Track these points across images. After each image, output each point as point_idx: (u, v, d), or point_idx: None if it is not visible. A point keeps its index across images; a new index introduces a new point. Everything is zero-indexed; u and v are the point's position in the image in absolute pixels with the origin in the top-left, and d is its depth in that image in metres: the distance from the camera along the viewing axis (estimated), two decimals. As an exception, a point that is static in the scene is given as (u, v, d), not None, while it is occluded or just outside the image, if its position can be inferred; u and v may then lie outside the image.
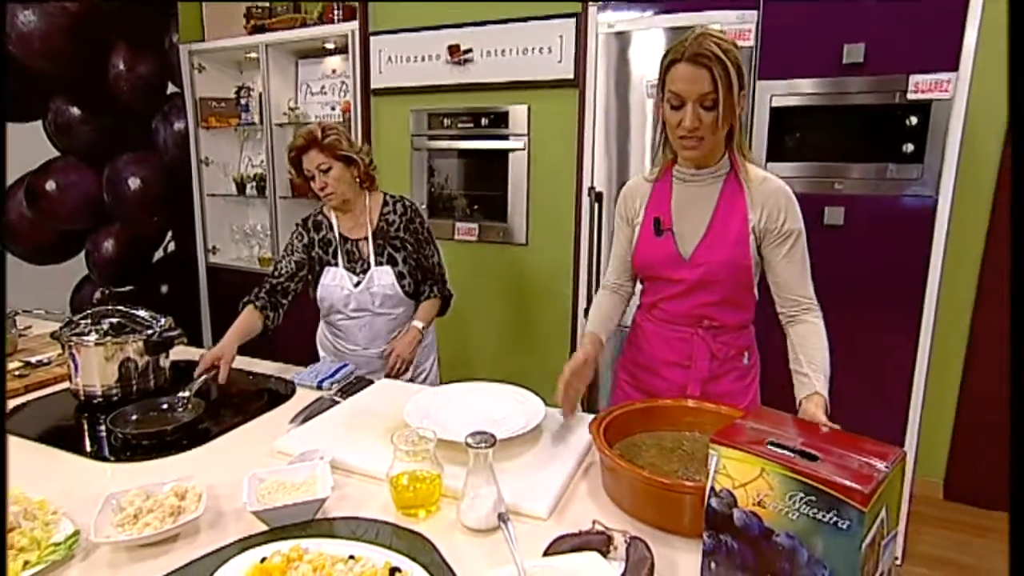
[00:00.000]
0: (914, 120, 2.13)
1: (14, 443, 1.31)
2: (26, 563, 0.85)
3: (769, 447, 0.75)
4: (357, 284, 1.85)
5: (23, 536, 0.88)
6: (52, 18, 2.89)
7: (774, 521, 0.73)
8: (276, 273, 1.88)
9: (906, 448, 2.28)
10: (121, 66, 3.24)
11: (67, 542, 0.89)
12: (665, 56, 1.27)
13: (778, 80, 2.27)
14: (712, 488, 0.79)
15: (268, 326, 1.79)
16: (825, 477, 0.69)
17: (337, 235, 1.89)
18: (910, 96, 2.11)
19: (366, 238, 1.87)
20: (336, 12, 3.08)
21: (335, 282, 1.86)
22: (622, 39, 2.49)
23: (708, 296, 1.36)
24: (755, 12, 2.27)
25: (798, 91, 2.25)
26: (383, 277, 1.85)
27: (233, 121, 3.61)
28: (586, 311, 2.63)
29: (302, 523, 0.98)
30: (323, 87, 3.42)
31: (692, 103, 1.23)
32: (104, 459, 1.25)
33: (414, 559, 0.86)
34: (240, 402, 1.56)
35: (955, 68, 2.02)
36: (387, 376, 1.79)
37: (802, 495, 0.70)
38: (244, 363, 1.80)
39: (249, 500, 0.96)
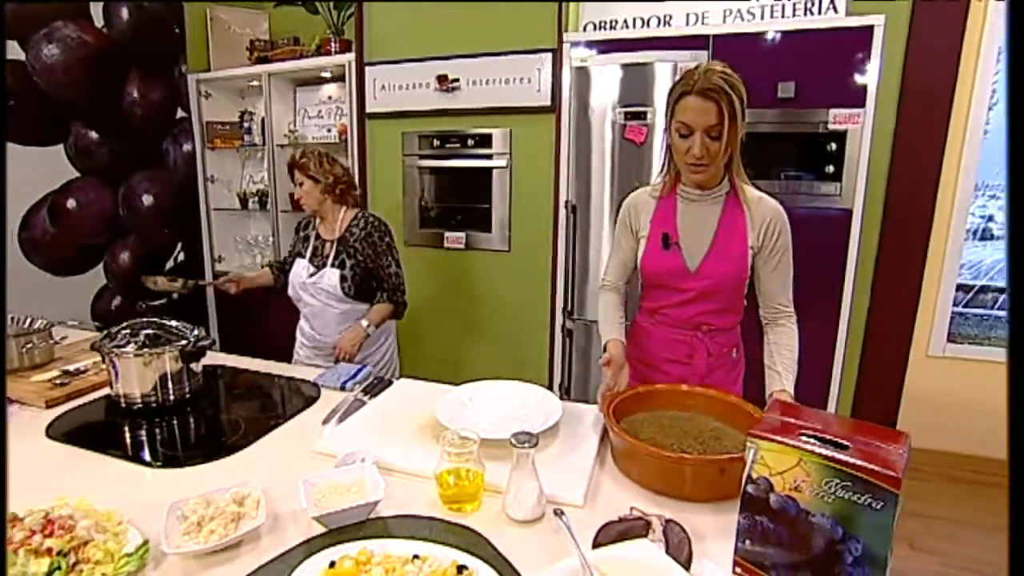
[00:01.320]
0: (833, 146, 2.19)
1: (62, 450, 1.18)
2: (103, 575, 0.75)
3: (803, 439, 0.72)
4: (311, 275, 1.98)
5: (97, 549, 0.77)
6: (72, 51, 2.68)
7: (810, 503, 0.71)
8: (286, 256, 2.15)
9: (828, 408, 2.34)
10: (135, 93, 3.02)
11: (138, 552, 0.79)
12: (675, 88, 1.23)
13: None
14: (749, 476, 0.75)
15: (277, 282, 2.14)
16: (861, 465, 0.67)
17: (314, 234, 2.05)
18: (830, 126, 2.17)
19: (332, 241, 1.99)
20: (333, 44, 2.94)
21: (297, 270, 2.02)
22: (587, 73, 2.45)
23: (709, 305, 1.33)
24: (705, 52, 2.26)
25: (760, 119, 2.25)
26: (331, 277, 1.96)
27: (236, 142, 3.42)
28: (565, 309, 2.61)
29: (358, 524, 0.89)
30: (320, 112, 3.26)
31: (700, 133, 1.19)
32: (149, 464, 1.13)
33: (474, 555, 0.79)
34: (271, 405, 1.45)
35: (863, 104, 2.10)
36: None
37: (838, 481, 0.68)
38: (268, 367, 1.69)
39: (308, 505, 0.87)
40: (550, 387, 2.55)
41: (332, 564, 0.76)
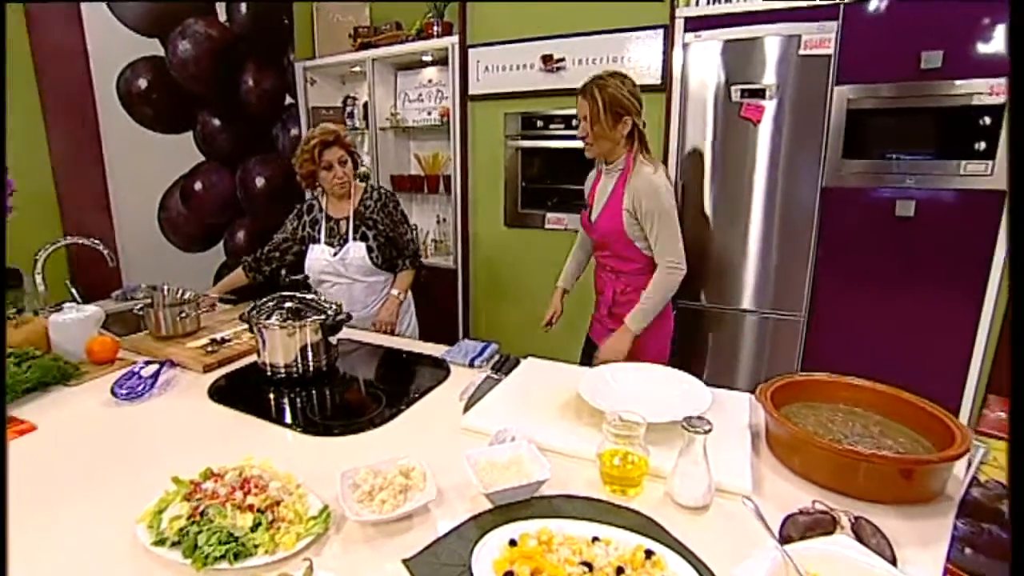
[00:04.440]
0: (987, 120, 1.94)
1: (223, 411, 1.24)
2: (298, 535, 0.77)
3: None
4: (335, 254, 1.96)
5: (288, 509, 0.80)
6: (201, 45, 2.84)
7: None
8: (266, 247, 2.11)
9: (963, 408, 2.13)
10: (250, 82, 3.17)
11: (322, 516, 0.81)
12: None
13: (854, 84, 2.07)
14: (975, 479, 0.67)
15: (251, 281, 2.11)
16: None
17: (324, 215, 2.01)
18: (985, 99, 1.92)
19: (347, 218, 1.98)
20: (435, 28, 2.94)
21: (317, 255, 1.99)
22: (700, 49, 2.31)
23: (608, 251, 1.74)
24: (835, 23, 2.06)
25: (875, 95, 2.05)
26: (357, 250, 1.96)
27: (340, 126, 3.51)
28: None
29: (523, 502, 0.88)
30: (420, 95, 3.29)
31: (582, 121, 1.64)
32: (303, 431, 1.17)
33: (653, 539, 0.76)
34: (405, 380, 1.47)
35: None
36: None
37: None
38: (392, 342, 1.73)
39: (477, 482, 0.87)
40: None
41: (512, 542, 0.75)
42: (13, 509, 0.89)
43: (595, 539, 0.75)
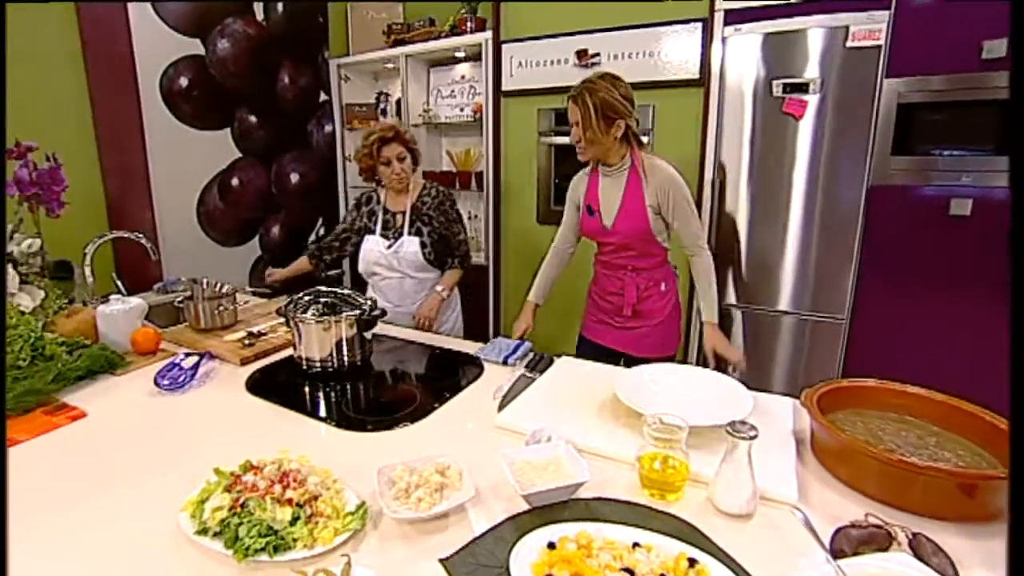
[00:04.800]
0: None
1: (260, 404, 1.26)
2: (335, 530, 0.77)
3: None
4: (389, 247, 1.99)
5: (326, 504, 0.80)
6: (239, 43, 2.90)
7: None
8: (328, 236, 2.17)
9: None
10: (286, 80, 3.22)
11: (359, 512, 0.81)
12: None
13: (905, 77, 1.99)
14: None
15: (314, 269, 2.18)
16: None
17: (382, 208, 2.04)
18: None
19: (403, 212, 2.01)
20: (469, 24, 2.94)
21: (371, 246, 2.02)
22: (741, 43, 2.25)
23: (629, 252, 1.70)
24: (886, 12, 1.98)
25: (927, 88, 1.96)
26: (411, 244, 1.98)
27: (373, 123, 3.55)
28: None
29: (561, 503, 0.87)
30: (452, 91, 3.29)
31: (574, 126, 1.61)
32: (338, 425, 1.17)
33: (695, 547, 0.74)
34: (439, 377, 1.47)
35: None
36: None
37: None
38: (425, 338, 1.74)
39: (515, 482, 0.85)
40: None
41: (551, 545, 0.74)
42: (65, 492, 0.92)
43: (636, 545, 0.73)
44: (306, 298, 1.49)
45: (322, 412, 1.27)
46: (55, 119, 2.32)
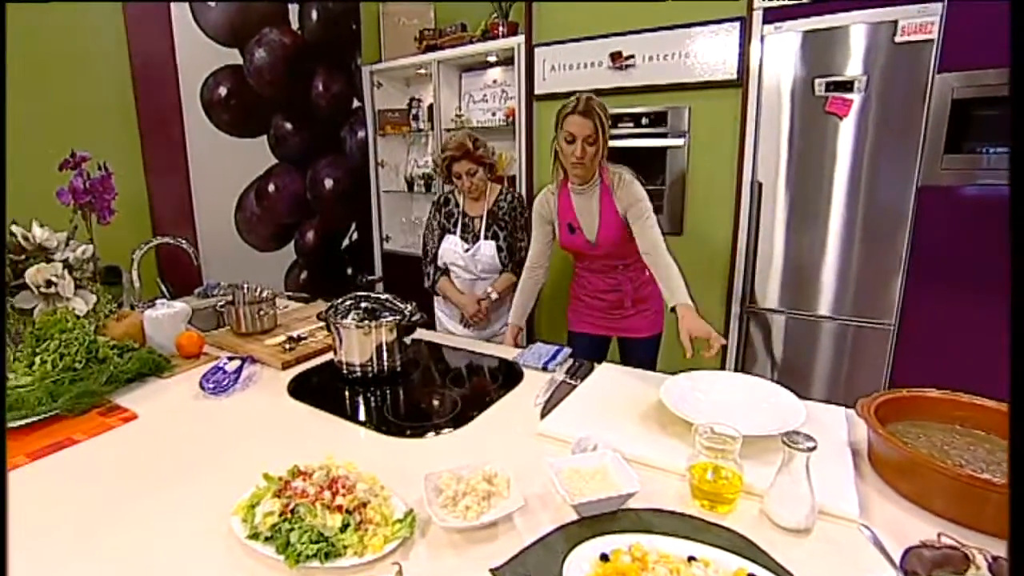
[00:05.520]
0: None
1: (302, 408, 1.28)
2: (385, 538, 0.77)
3: None
4: (467, 250, 2.08)
5: (375, 512, 0.80)
6: (275, 52, 2.97)
7: None
8: (432, 251, 2.18)
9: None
10: (320, 87, 3.28)
11: (407, 520, 0.81)
12: (561, 110, 1.66)
13: (959, 72, 1.91)
14: None
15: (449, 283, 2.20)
16: None
17: (460, 211, 2.11)
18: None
19: (481, 216, 2.08)
20: (501, 28, 2.94)
21: (451, 246, 2.11)
22: (780, 41, 2.19)
23: (615, 256, 1.80)
24: (939, 5, 1.91)
25: (982, 82, 1.88)
26: (487, 248, 2.06)
27: (405, 128, 3.59)
28: (742, 297, 2.42)
29: (611, 514, 0.85)
30: (484, 96, 3.31)
31: (580, 141, 1.62)
32: (379, 431, 1.17)
33: (756, 562, 0.71)
34: (479, 383, 1.47)
35: None
36: (463, 323, 2.16)
37: None
38: (461, 343, 1.74)
39: (564, 492, 0.84)
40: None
41: (604, 557, 0.72)
42: (120, 492, 0.94)
43: (691, 558, 0.71)
44: (347, 303, 1.50)
45: (363, 417, 1.28)
46: (102, 127, 2.41)
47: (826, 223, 2.22)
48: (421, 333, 1.77)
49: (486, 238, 2.07)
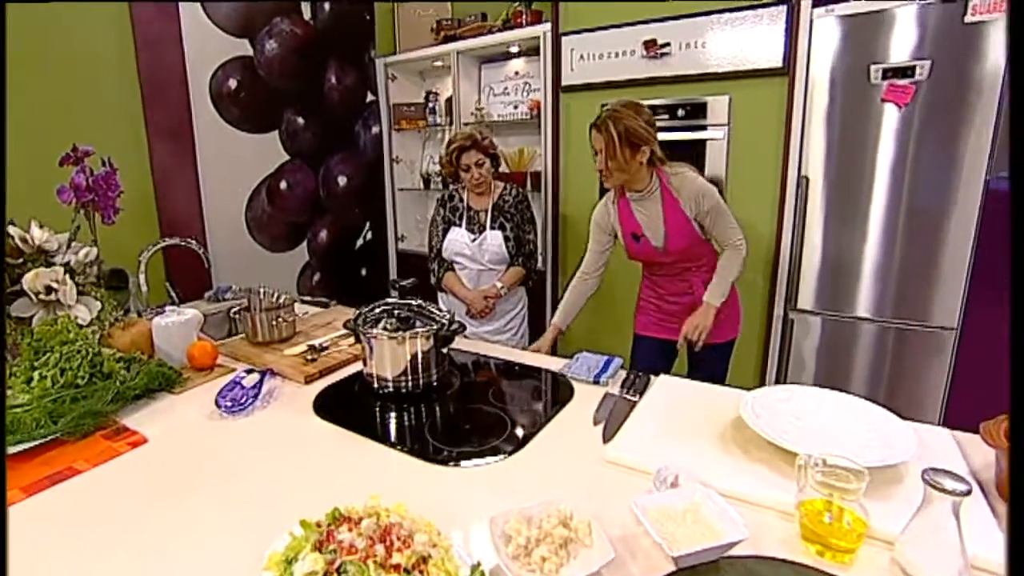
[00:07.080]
0: None
1: (330, 430, 1.15)
2: (453, 606, 0.64)
3: None
4: (474, 240, 2.10)
5: (438, 569, 0.67)
6: (287, 43, 2.86)
7: None
8: (436, 247, 2.18)
9: None
10: (333, 80, 3.16)
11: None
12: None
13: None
14: None
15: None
16: None
17: (465, 205, 2.14)
18: None
19: (486, 210, 2.11)
20: (524, 16, 2.81)
21: (457, 237, 2.12)
22: (830, 25, 2.05)
23: (687, 261, 1.75)
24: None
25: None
26: (494, 238, 2.08)
27: (420, 123, 3.46)
28: (786, 297, 2.28)
29: (711, 562, 0.72)
30: (505, 88, 3.18)
31: (599, 154, 1.63)
32: (423, 458, 1.03)
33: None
34: (526, 399, 1.33)
35: None
36: (469, 316, 2.12)
37: None
38: (501, 353, 1.61)
39: (663, 541, 0.71)
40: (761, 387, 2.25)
41: (727, 631, 0.59)
42: (133, 535, 0.81)
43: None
44: (377, 310, 1.38)
45: (401, 440, 1.14)
46: (107, 122, 2.29)
47: (883, 219, 2.08)
48: (458, 341, 1.64)
49: (492, 229, 2.09)
